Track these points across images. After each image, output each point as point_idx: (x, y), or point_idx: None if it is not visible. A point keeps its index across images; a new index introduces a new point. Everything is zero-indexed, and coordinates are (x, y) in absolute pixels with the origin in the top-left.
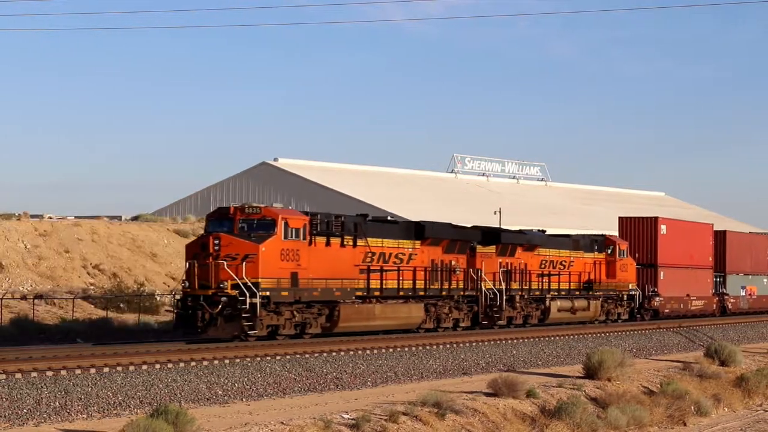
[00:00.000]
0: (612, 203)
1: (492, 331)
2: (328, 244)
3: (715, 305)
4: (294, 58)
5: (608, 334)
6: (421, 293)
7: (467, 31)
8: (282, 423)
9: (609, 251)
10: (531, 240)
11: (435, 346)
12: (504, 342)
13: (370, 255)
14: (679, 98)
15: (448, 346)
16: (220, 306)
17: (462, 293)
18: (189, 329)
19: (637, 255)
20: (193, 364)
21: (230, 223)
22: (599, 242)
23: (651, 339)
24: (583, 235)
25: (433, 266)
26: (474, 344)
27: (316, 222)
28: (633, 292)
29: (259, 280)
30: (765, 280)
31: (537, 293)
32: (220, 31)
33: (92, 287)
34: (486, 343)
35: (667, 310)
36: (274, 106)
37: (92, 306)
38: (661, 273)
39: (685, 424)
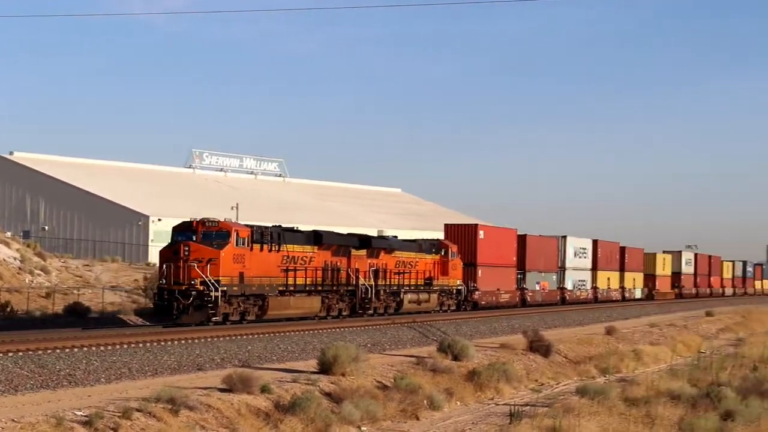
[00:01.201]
0: (350, 199)
1: (229, 327)
2: (261, 249)
3: (517, 298)
4: (36, 52)
5: (343, 330)
6: (319, 288)
7: (211, 26)
8: (13, 420)
9: (443, 253)
10: (391, 245)
11: (170, 342)
12: (239, 337)
13: (287, 258)
14: (416, 97)
15: (182, 341)
16: (191, 298)
17: (345, 288)
18: (165, 316)
19: (460, 256)
20: None
21: (193, 233)
22: (436, 246)
23: (386, 334)
24: (425, 239)
25: (326, 266)
26: (209, 339)
27: (254, 232)
28: (460, 287)
29: (220, 278)
30: (554, 276)
31: (395, 288)
32: None
33: None
34: (221, 338)
35: (483, 302)
36: (10, 100)
37: None
38: (480, 271)
39: (418, 419)
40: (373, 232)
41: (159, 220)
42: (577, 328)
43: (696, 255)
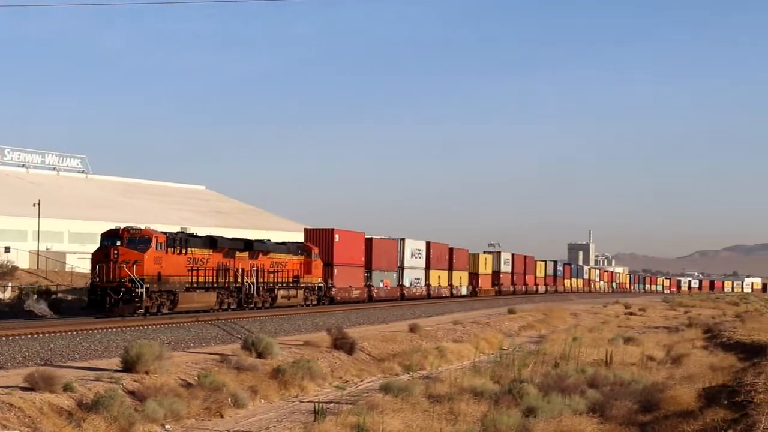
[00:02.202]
0: (154, 196)
1: (30, 323)
2: (174, 252)
3: (366, 294)
4: None
5: (146, 327)
6: (215, 285)
7: (12, 20)
8: None
9: (307, 254)
10: (267, 247)
11: None
12: (41, 336)
13: (191, 260)
14: (222, 95)
15: None
16: (121, 293)
17: (234, 285)
18: (99, 309)
19: (321, 257)
20: None
21: (120, 239)
22: (301, 248)
23: (190, 332)
24: (293, 242)
25: (219, 267)
26: (11, 338)
27: (168, 238)
28: (320, 285)
29: (144, 276)
30: (395, 275)
31: (270, 285)
32: None
33: None
34: (23, 336)
35: (339, 298)
36: None
37: None
38: (336, 270)
39: (222, 416)
40: (176, 229)
41: None
42: (382, 326)
43: (513, 255)
